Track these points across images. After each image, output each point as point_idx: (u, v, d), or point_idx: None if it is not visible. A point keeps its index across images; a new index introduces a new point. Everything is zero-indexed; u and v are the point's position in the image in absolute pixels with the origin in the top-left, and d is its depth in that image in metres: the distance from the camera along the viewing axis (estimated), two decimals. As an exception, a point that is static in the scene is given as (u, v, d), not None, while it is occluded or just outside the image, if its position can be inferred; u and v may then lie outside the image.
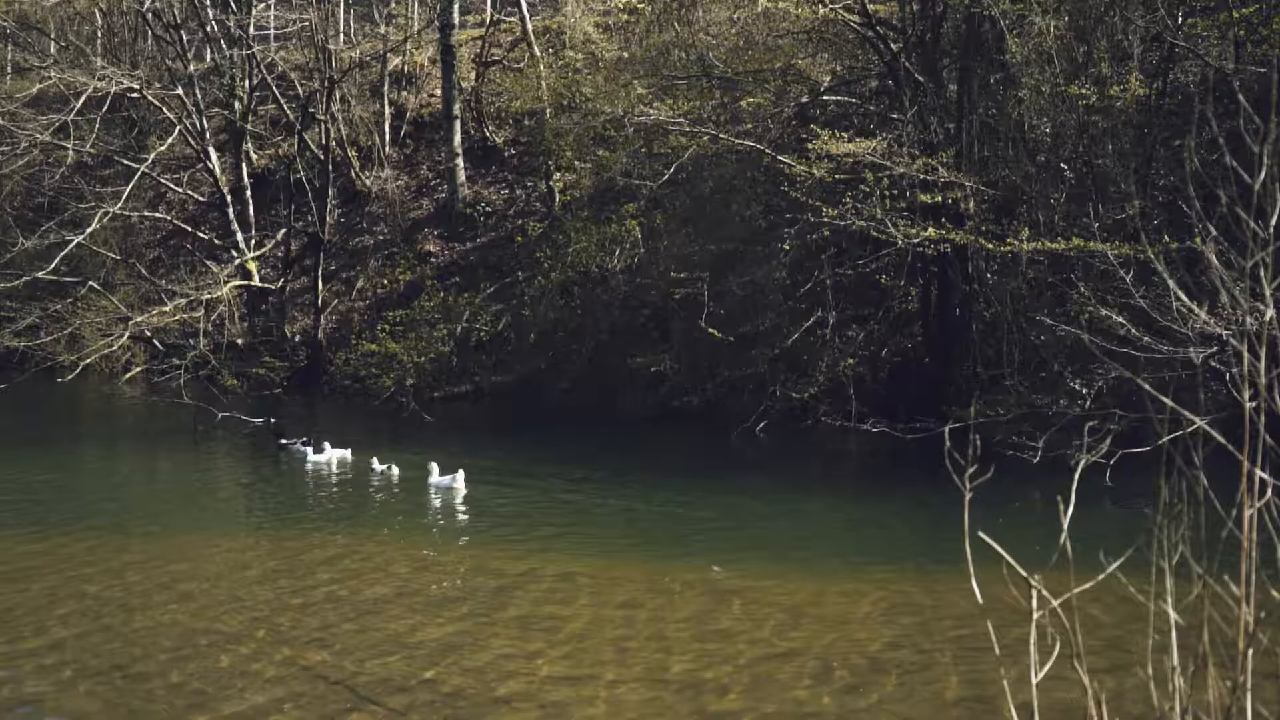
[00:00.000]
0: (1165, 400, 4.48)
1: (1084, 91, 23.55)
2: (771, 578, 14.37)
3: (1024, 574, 4.16)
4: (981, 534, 4.34)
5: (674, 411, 28.29)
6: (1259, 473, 4.05)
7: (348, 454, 23.82)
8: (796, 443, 25.59)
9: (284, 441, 25.39)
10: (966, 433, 15.00)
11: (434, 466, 21.06)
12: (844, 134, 25.10)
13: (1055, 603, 4.21)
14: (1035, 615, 4.20)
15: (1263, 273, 4.38)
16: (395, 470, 22.00)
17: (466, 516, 18.74)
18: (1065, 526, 4.28)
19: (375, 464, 22.30)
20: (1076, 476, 4.82)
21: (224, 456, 25.48)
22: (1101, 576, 4.46)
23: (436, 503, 19.74)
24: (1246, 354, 4.23)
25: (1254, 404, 4.13)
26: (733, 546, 16.30)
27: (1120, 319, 18.66)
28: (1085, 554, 4.52)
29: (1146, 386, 4.98)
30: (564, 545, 16.53)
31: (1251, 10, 23.60)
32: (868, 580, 14.27)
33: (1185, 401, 5.13)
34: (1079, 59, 24.39)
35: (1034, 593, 4.20)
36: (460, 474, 20.61)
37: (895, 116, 26.49)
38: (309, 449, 24.15)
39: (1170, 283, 6.06)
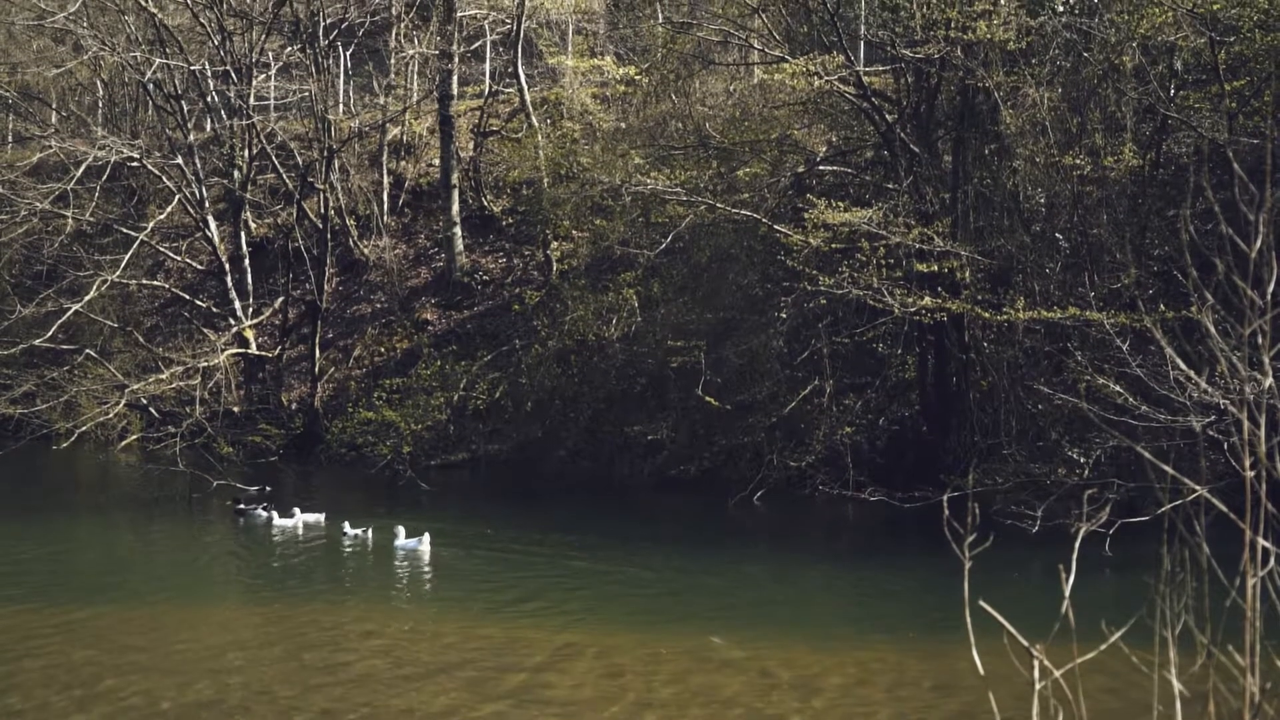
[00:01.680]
0: (1165, 468, 4.47)
1: (1078, 162, 23.73)
2: (771, 648, 14.26)
3: (1025, 644, 4.13)
4: (983, 603, 4.31)
5: (671, 480, 28.20)
6: (1261, 541, 4.03)
7: (320, 518, 23.82)
8: (794, 511, 25.49)
9: (242, 507, 25.32)
10: (965, 502, 14.96)
11: (400, 530, 21.21)
12: (840, 204, 25.23)
13: (1058, 673, 4.17)
14: (1037, 685, 4.16)
15: (1261, 341, 4.38)
16: (370, 534, 21.95)
17: (458, 585, 18.62)
18: (1067, 595, 4.24)
19: (347, 527, 22.25)
20: (1077, 545, 4.79)
21: (216, 525, 25.33)
22: (1103, 646, 4.42)
23: (403, 565, 19.71)
24: (1246, 422, 4.23)
25: (1254, 472, 4.12)
26: (732, 616, 16.19)
27: (1117, 388, 18.67)
28: (1087, 623, 4.48)
29: (1146, 455, 4.97)
30: (560, 614, 16.41)
31: (1243, 83, 23.86)
32: (869, 650, 14.15)
33: (1185, 470, 5.12)
34: (1073, 130, 24.60)
35: (1035, 663, 4.16)
36: (426, 536, 20.70)
37: (891, 186, 26.66)
38: (272, 514, 24.08)
39: (1168, 350, 6.07)
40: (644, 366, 30.65)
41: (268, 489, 28.04)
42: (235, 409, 35.82)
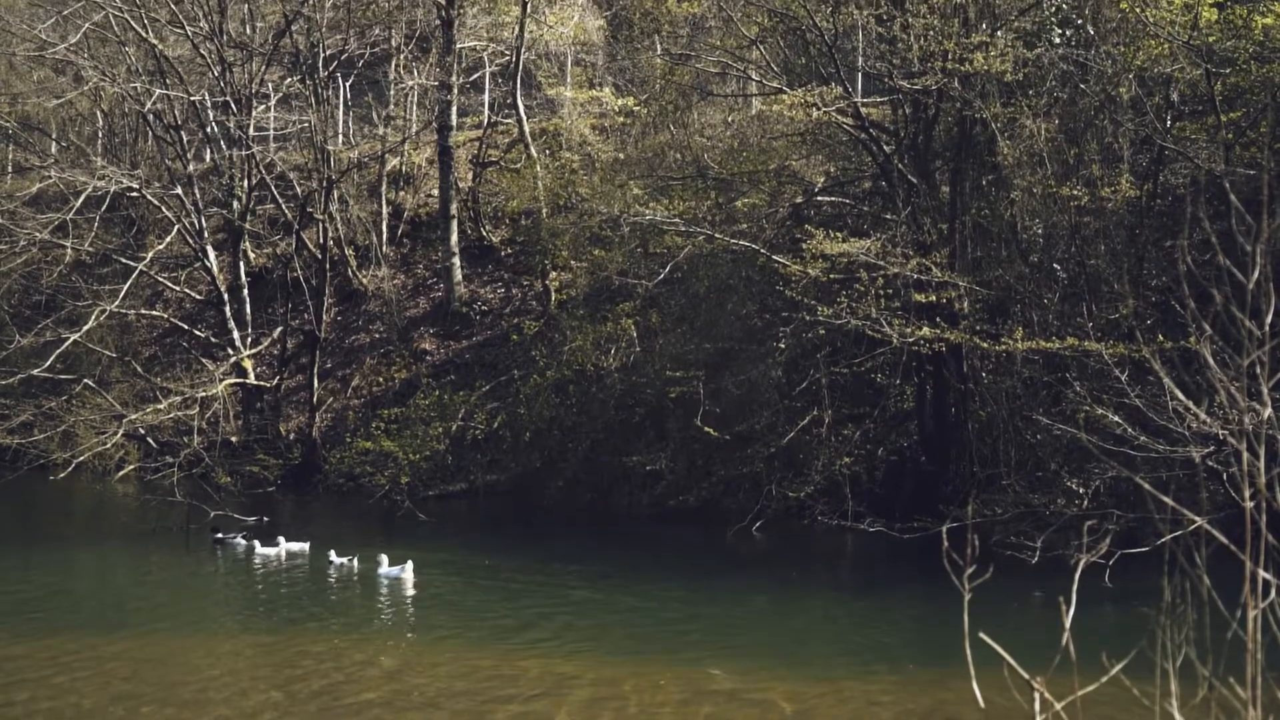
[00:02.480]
0: (1165, 499, 4.46)
1: (1075, 193, 23.79)
2: (772, 679, 14.20)
3: (1026, 676, 4.11)
4: (983, 635, 4.29)
5: (670, 510, 28.15)
6: (1262, 573, 4.02)
7: (305, 547, 23.82)
8: (793, 542, 25.43)
9: (220, 537, 25.24)
10: (964, 532, 14.93)
11: (384, 558, 21.33)
12: (838, 234, 25.28)
13: (1059, 705, 4.15)
14: (1038, 718, 4.14)
15: (1260, 371, 4.38)
16: (355, 562, 21.95)
17: (456, 615, 18.55)
18: (1067, 627, 4.23)
19: (333, 556, 22.27)
20: (1077, 577, 4.78)
21: (211, 556, 25.24)
22: (1105, 679, 4.40)
23: (388, 594, 19.70)
24: (1246, 453, 4.22)
25: (1254, 503, 4.11)
26: (731, 648, 16.13)
27: (1116, 418, 18.66)
28: (1088, 655, 4.46)
29: (1146, 486, 4.96)
30: (558, 644, 16.35)
31: (1239, 114, 23.96)
32: (869, 682, 14.10)
33: (1184, 501, 5.11)
34: (1070, 161, 24.68)
35: (1036, 695, 4.14)
36: (409, 565, 20.79)
37: (889, 217, 26.71)
38: (254, 543, 24.03)
39: (1167, 381, 6.07)
40: (642, 397, 30.63)
41: (264, 519, 27.97)
42: (233, 439, 35.76)
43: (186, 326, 39.35)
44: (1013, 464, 23.67)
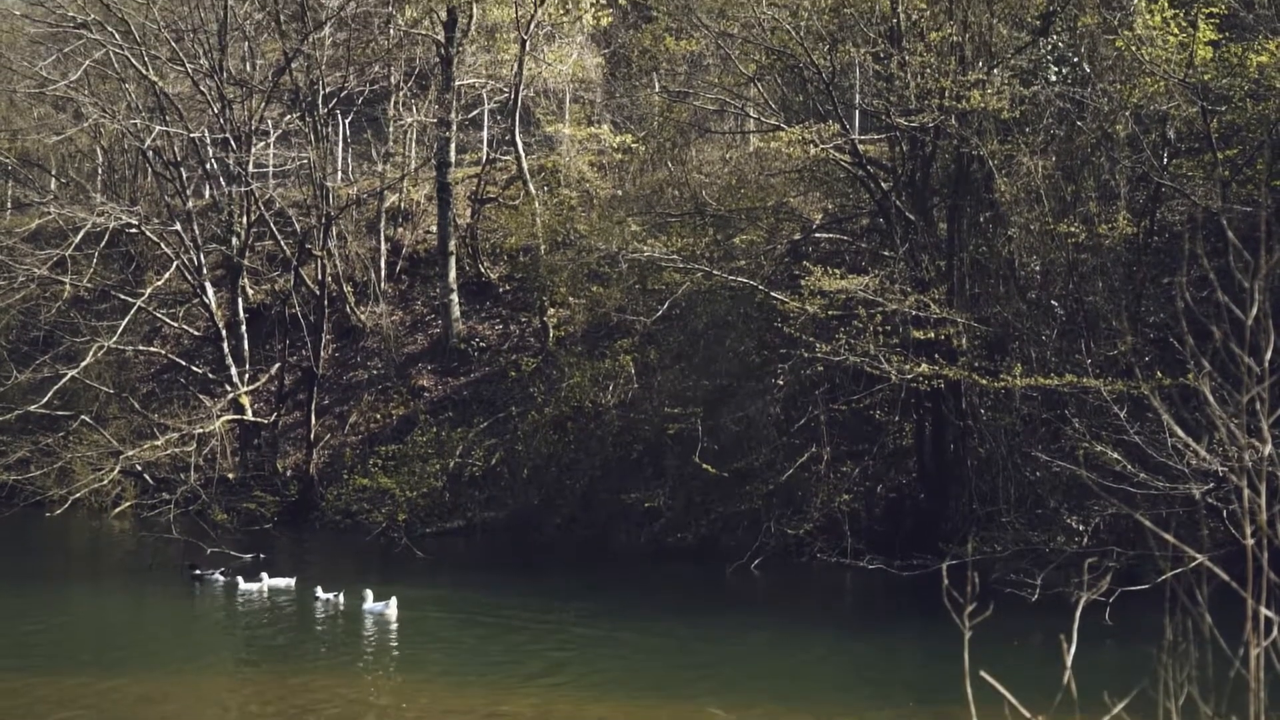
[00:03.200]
0: (1166, 536, 4.43)
1: (1073, 230, 23.84)
2: (772, 718, 14.10)
3: (1027, 715, 4.07)
4: (984, 674, 4.25)
5: (668, 547, 28.05)
6: (1264, 611, 3.99)
7: (290, 583, 23.78)
8: (792, 579, 25.33)
9: (198, 573, 25.12)
10: (964, 570, 14.85)
11: (368, 593, 21.39)
12: (836, 270, 25.30)
13: (1060, 745, 4.10)
14: (1040, 758, 4.09)
15: (1259, 408, 4.36)
16: (341, 598, 21.92)
17: (452, 653, 18.44)
18: (1068, 665, 4.19)
19: (319, 592, 22.23)
20: (1078, 615, 4.74)
21: (206, 594, 25.11)
22: (1107, 718, 4.36)
23: (372, 629, 19.68)
24: (1247, 490, 4.20)
25: (1255, 540, 4.08)
26: (732, 687, 16.03)
27: (1115, 455, 18.63)
28: (1089, 693, 4.42)
29: (1147, 523, 4.93)
30: (555, 684, 16.25)
31: (1235, 151, 24.04)
32: (865, 721, 14.01)
33: (1184, 538, 5.08)
34: (1067, 198, 24.74)
35: (1038, 735, 4.10)
36: (393, 600, 20.83)
37: (887, 254, 26.75)
38: (237, 579, 23.94)
39: (1167, 418, 6.05)
40: (641, 433, 30.57)
41: (260, 556, 27.86)
42: (230, 475, 35.68)
43: (184, 363, 39.30)
44: (1012, 501, 23.61)
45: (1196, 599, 4.14)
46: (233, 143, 37.23)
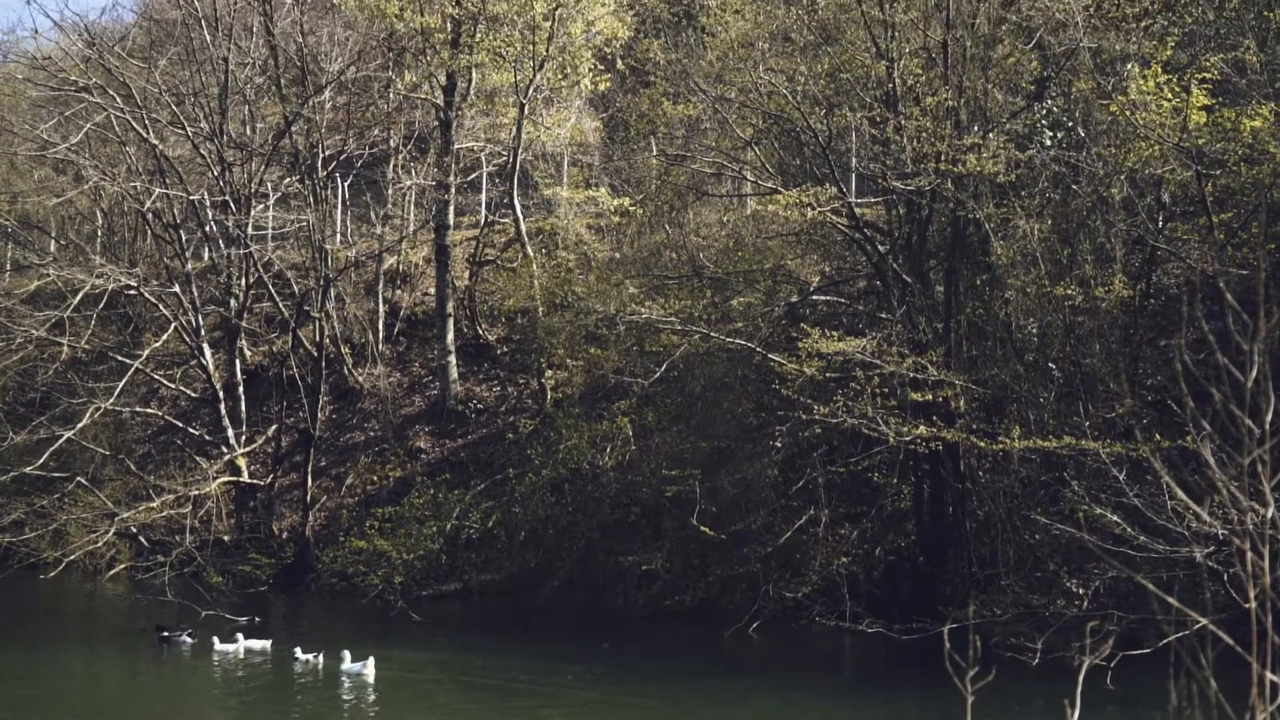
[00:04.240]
0: (1169, 600, 4.40)
1: (1069, 292, 23.90)
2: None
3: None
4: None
5: (666, 610, 27.86)
6: (1270, 675, 3.95)
7: (267, 645, 23.71)
8: (791, 643, 25.15)
9: (165, 634, 24.93)
10: (964, 633, 14.76)
11: (346, 654, 21.47)
12: (834, 333, 25.34)
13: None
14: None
15: (1260, 470, 4.35)
16: (320, 659, 21.84)
17: (434, 716, 18.26)
18: (1072, 731, 4.14)
19: (299, 653, 22.17)
20: (1080, 679, 4.70)
21: (200, 659, 24.89)
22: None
23: (348, 689, 19.59)
24: (1250, 553, 4.17)
25: (1259, 603, 4.05)
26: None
27: (1115, 518, 18.57)
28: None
29: (1150, 586, 4.90)
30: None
31: (1230, 215, 24.17)
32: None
33: (1185, 601, 5.04)
34: (1063, 261, 24.83)
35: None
36: (370, 661, 20.91)
37: (884, 316, 26.80)
38: (213, 640, 23.84)
39: (1168, 480, 6.03)
40: (638, 495, 30.47)
41: (255, 619, 27.65)
42: (225, 538, 35.50)
43: (181, 424, 39.22)
44: (1011, 564, 23.51)
45: (1200, 663, 4.10)
46: (232, 205, 37.39)
